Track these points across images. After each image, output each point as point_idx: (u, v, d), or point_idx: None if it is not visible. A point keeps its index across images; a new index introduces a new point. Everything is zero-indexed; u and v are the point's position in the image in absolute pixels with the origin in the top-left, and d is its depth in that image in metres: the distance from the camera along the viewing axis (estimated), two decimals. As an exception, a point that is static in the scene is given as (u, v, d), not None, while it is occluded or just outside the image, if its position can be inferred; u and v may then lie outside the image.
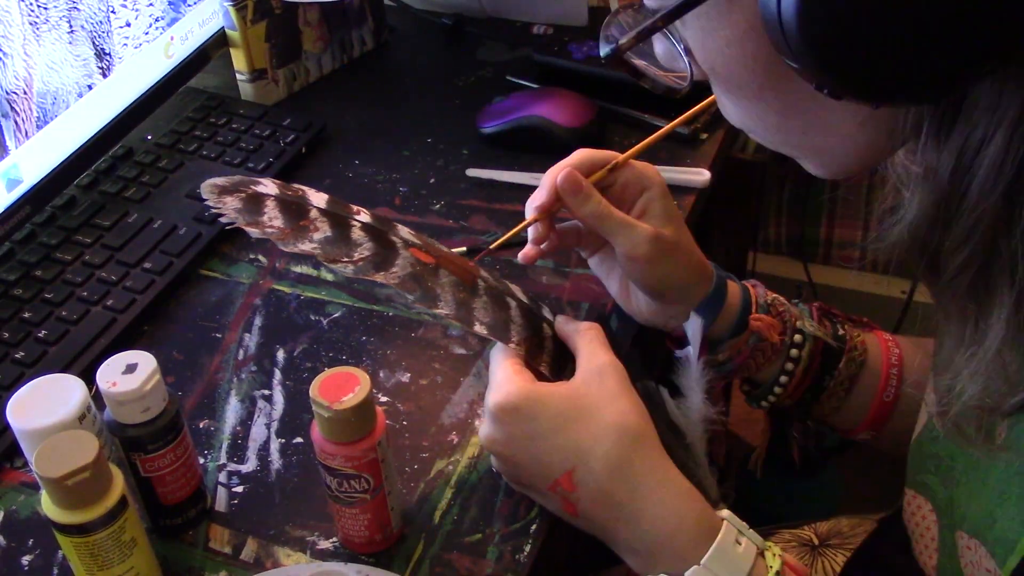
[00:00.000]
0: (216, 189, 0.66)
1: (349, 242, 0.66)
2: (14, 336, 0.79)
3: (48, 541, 0.67)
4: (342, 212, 0.67)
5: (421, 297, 0.66)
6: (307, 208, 0.66)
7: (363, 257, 0.66)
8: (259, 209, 0.65)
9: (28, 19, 0.83)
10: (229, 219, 0.64)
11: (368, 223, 0.68)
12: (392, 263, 0.66)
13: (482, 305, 0.68)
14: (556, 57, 1.07)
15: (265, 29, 1.04)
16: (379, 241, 0.67)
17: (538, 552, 0.66)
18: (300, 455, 0.73)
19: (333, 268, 0.66)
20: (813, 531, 0.85)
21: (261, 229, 0.65)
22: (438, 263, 0.68)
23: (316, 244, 0.65)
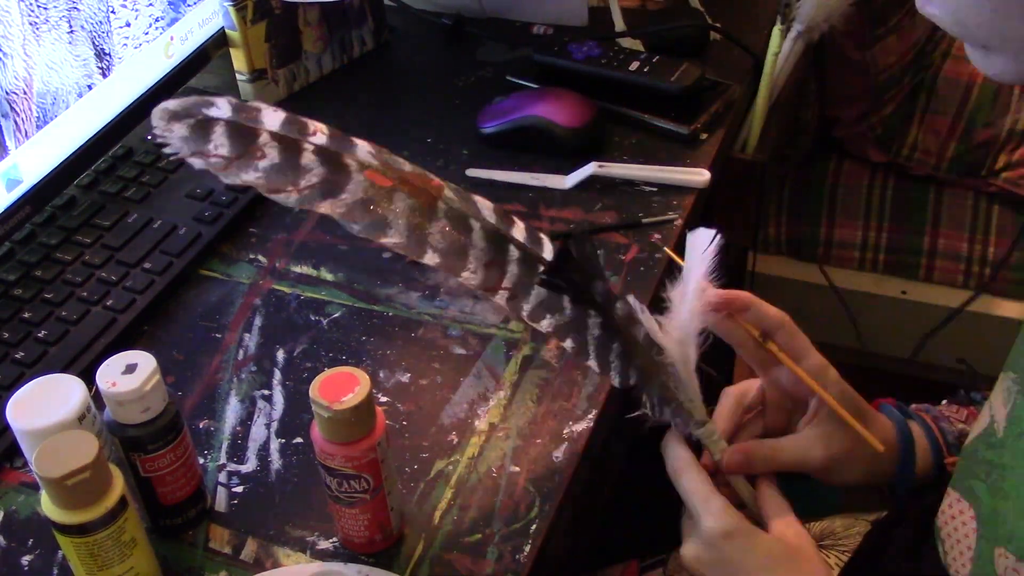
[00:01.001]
0: (166, 115, 0.61)
1: (297, 168, 0.62)
2: (14, 336, 0.79)
3: (48, 541, 0.67)
4: (295, 134, 0.63)
5: (367, 227, 0.63)
6: (257, 132, 0.62)
7: (310, 185, 0.62)
8: (206, 136, 0.61)
9: (28, 19, 0.83)
10: (173, 149, 0.61)
11: (322, 145, 0.63)
12: (342, 189, 0.63)
13: (439, 230, 0.64)
14: (556, 57, 1.07)
15: (265, 29, 1.04)
16: (331, 165, 0.63)
17: (538, 552, 0.66)
18: (300, 455, 0.73)
19: (276, 198, 0.63)
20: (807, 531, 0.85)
21: (204, 159, 0.61)
22: (395, 185, 0.64)
23: (260, 173, 0.62)
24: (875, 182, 1.51)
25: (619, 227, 0.90)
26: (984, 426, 0.64)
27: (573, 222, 0.91)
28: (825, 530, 0.85)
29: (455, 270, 0.64)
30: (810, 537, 0.67)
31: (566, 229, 0.90)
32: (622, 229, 0.90)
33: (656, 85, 1.01)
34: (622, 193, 0.94)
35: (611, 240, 0.89)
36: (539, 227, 0.90)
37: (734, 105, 1.05)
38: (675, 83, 1.01)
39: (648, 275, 0.86)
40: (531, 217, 0.92)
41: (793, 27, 1.07)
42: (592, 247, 0.68)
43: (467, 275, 0.64)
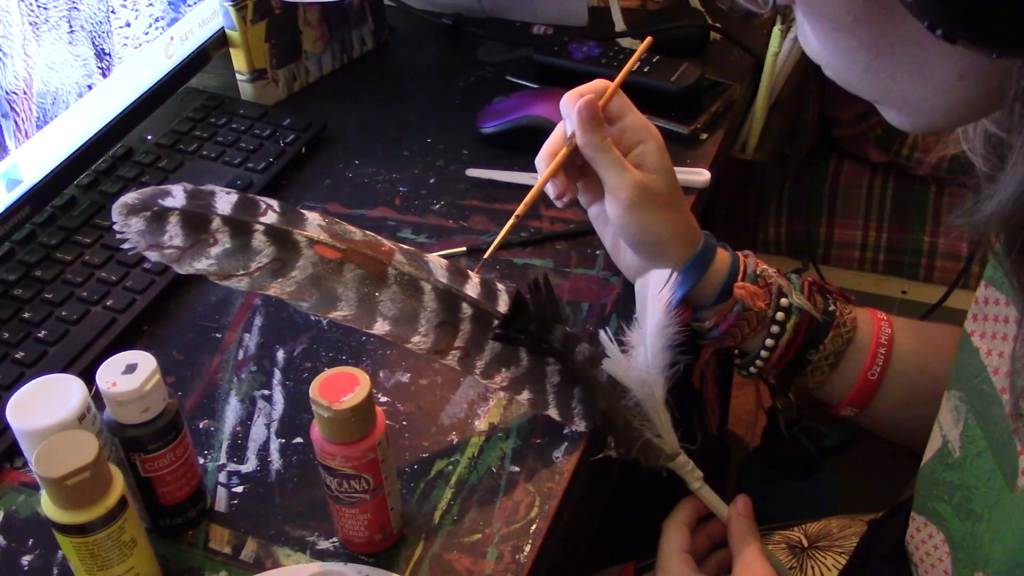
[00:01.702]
0: (124, 209, 0.63)
1: (248, 251, 0.64)
2: (14, 336, 0.79)
3: (48, 541, 0.67)
4: (246, 216, 0.64)
5: (316, 303, 0.64)
6: (209, 218, 0.64)
7: (260, 267, 0.64)
8: (161, 228, 0.63)
9: (28, 19, 0.83)
10: (131, 244, 0.63)
11: (271, 225, 0.64)
12: (292, 266, 0.64)
13: (390, 296, 0.66)
14: (556, 57, 1.07)
15: (265, 29, 1.04)
16: (281, 244, 0.64)
17: (538, 552, 0.66)
18: (300, 455, 0.73)
19: (228, 284, 0.64)
20: (803, 532, 0.85)
21: (160, 253, 0.63)
22: (344, 257, 0.65)
23: (212, 260, 0.63)
24: (875, 182, 1.51)
25: (619, 227, 0.90)
26: (937, 447, 0.64)
27: (573, 222, 0.91)
28: (822, 531, 0.85)
29: (405, 337, 0.66)
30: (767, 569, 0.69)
31: (567, 229, 0.90)
32: (622, 229, 0.90)
33: (656, 85, 1.01)
34: (622, 193, 0.94)
35: (611, 240, 0.89)
36: (539, 227, 0.91)
37: (734, 105, 1.05)
38: (675, 83, 1.01)
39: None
40: (531, 217, 0.92)
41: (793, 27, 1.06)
42: (550, 290, 0.69)
43: (417, 339, 0.66)
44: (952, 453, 0.61)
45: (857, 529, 0.84)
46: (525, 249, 0.89)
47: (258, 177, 0.95)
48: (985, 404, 0.58)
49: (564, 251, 0.88)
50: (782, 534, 0.85)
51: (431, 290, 0.67)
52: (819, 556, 0.81)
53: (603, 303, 0.83)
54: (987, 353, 0.59)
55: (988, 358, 0.59)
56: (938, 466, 0.63)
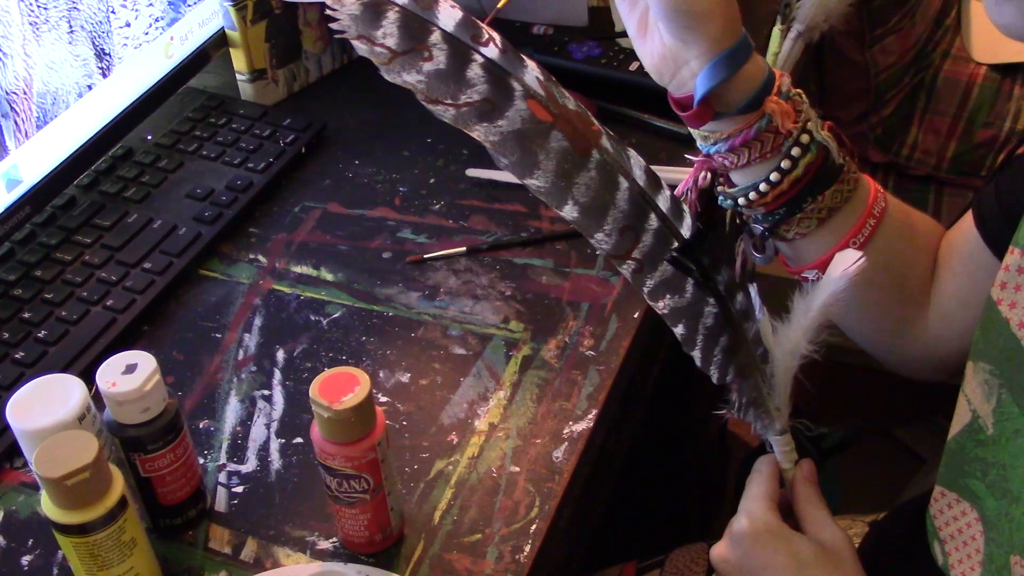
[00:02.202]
0: None
1: (461, 79, 0.58)
2: (14, 336, 0.79)
3: (48, 541, 0.67)
4: (467, 40, 0.58)
5: (516, 163, 0.59)
6: (430, 28, 0.58)
7: (470, 102, 0.58)
8: (377, 19, 0.57)
9: (28, 19, 0.83)
10: (341, 26, 0.57)
11: (491, 60, 0.59)
12: (501, 115, 0.58)
13: (586, 181, 0.60)
14: (556, 57, 1.07)
15: (265, 29, 1.04)
16: (495, 84, 0.58)
17: (538, 552, 0.66)
18: (300, 455, 0.73)
19: (433, 109, 0.59)
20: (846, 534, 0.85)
21: (370, 48, 0.57)
22: (554, 122, 0.59)
23: (423, 77, 0.58)
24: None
25: (619, 227, 0.90)
26: (966, 421, 0.62)
27: (573, 222, 0.91)
28: None
29: (589, 230, 0.61)
30: (849, 540, 0.65)
31: (567, 229, 0.90)
32: (622, 229, 0.90)
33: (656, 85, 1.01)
34: (622, 193, 0.94)
35: (611, 240, 0.89)
36: (539, 227, 0.91)
37: (734, 105, 1.05)
38: (675, 83, 1.01)
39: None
40: (531, 217, 0.92)
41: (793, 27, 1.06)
42: (731, 232, 0.67)
43: (601, 236, 0.61)
44: (984, 429, 0.60)
45: (859, 530, 0.83)
46: (525, 249, 0.89)
47: (258, 177, 0.95)
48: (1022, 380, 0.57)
49: (564, 251, 0.88)
50: None
51: (626, 188, 0.61)
52: None
53: (603, 303, 0.83)
54: (1019, 325, 0.58)
55: (1021, 330, 0.57)
56: (968, 442, 0.62)
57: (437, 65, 0.57)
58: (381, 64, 0.57)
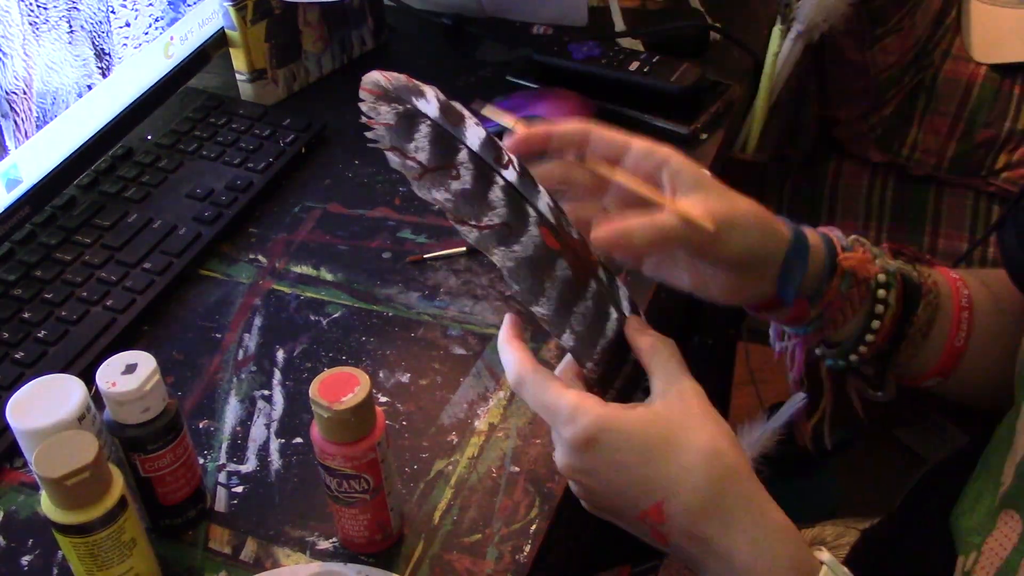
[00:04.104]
0: (377, 91, 0.58)
1: (484, 202, 0.59)
2: (14, 336, 0.79)
3: (48, 541, 0.67)
4: (491, 161, 0.59)
5: (526, 291, 0.60)
6: (458, 147, 0.59)
7: (491, 225, 0.59)
8: (410, 132, 0.58)
9: (28, 19, 0.83)
10: (376, 135, 0.58)
11: (511, 184, 0.60)
12: (516, 239, 0.59)
13: (583, 310, 0.61)
14: (556, 57, 1.07)
15: (265, 29, 1.04)
16: (514, 209, 0.59)
17: (538, 552, 0.66)
18: (300, 455, 0.73)
19: (459, 228, 0.59)
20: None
21: (402, 160, 0.58)
22: (561, 251, 0.60)
23: (450, 196, 0.58)
24: (875, 182, 1.51)
25: (619, 227, 0.90)
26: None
27: (573, 222, 0.91)
28: (816, 538, 0.84)
29: (582, 358, 0.62)
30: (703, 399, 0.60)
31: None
32: (622, 229, 0.90)
33: (656, 85, 1.01)
34: (622, 193, 0.94)
35: (611, 240, 0.89)
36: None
37: (734, 105, 1.05)
38: (675, 83, 1.01)
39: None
40: (531, 217, 0.92)
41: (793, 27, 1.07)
42: None
43: (590, 366, 0.62)
44: None
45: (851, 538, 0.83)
46: (525, 249, 0.89)
47: (258, 177, 0.95)
48: None
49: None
50: None
51: (615, 319, 0.63)
52: None
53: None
54: None
55: None
56: None
57: (463, 184, 0.58)
58: (412, 179, 0.58)
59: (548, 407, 0.59)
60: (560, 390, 0.59)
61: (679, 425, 0.58)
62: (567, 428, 0.58)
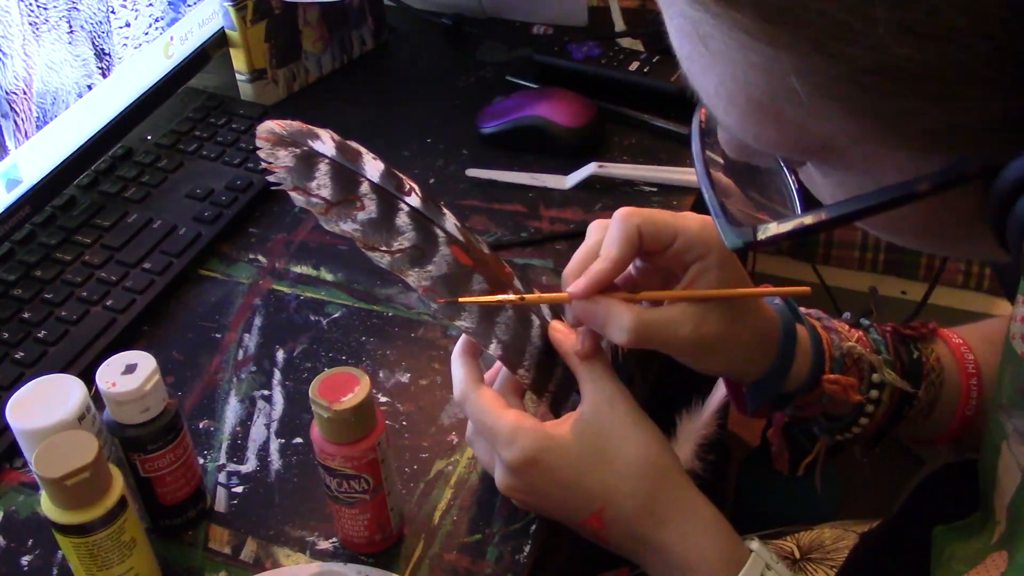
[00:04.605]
0: (272, 138, 0.61)
1: (392, 228, 0.62)
2: (14, 336, 0.79)
3: (48, 541, 0.67)
4: (392, 190, 0.63)
5: (445, 308, 0.62)
6: (359, 180, 0.62)
7: (401, 249, 0.62)
8: (310, 171, 0.61)
9: (28, 19, 0.83)
10: (278, 178, 0.60)
11: (416, 209, 0.63)
12: (429, 260, 0.63)
13: (505, 320, 0.64)
14: (556, 57, 1.07)
15: (265, 29, 1.04)
16: (422, 232, 0.63)
17: (538, 552, 0.66)
18: (300, 455, 0.73)
19: (370, 256, 0.62)
20: (795, 542, 0.84)
21: (306, 198, 0.60)
22: (475, 267, 0.64)
23: (357, 226, 0.61)
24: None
25: (619, 227, 0.90)
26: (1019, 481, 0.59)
27: (573, 222, 0.91)
28: (814, 541, 0.84)
29: (513, 366, 0.64)
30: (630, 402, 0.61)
31: (567, 230, 0.90)
32: (622, 229, 0.90)
33: (656, 85, 1.01)
34: (622, 193, 0.94)
35: (611, 240, 0.89)
36: (539, 227, 0.91)
37: (734, 105, 1.05)
38: (675, 83, 1.01)
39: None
40: (531, 217, 0.92)
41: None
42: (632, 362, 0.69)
43: (522, 372, 0.64)
44: None
45: (849, 542, 0.83)
46: (525, 249, 0.89)
47: (258, 177, 0.95)
48: None
49: (564, 251, 0.88)
50: (774, 544, 0.85)
51: (538, 325, 0.66)
52: (810, 569, 0.80)
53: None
54: None
55: None
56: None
57: (369, 214, 0.61)
58: (319, 214, 0.61)
59: (488, 428, 0.62)
60: (500, 412, 0.62)
61: (611, 433, 0.61)
62: (506, 451, 0.61)
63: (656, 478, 0.60)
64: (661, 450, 0.61)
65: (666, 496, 0.60)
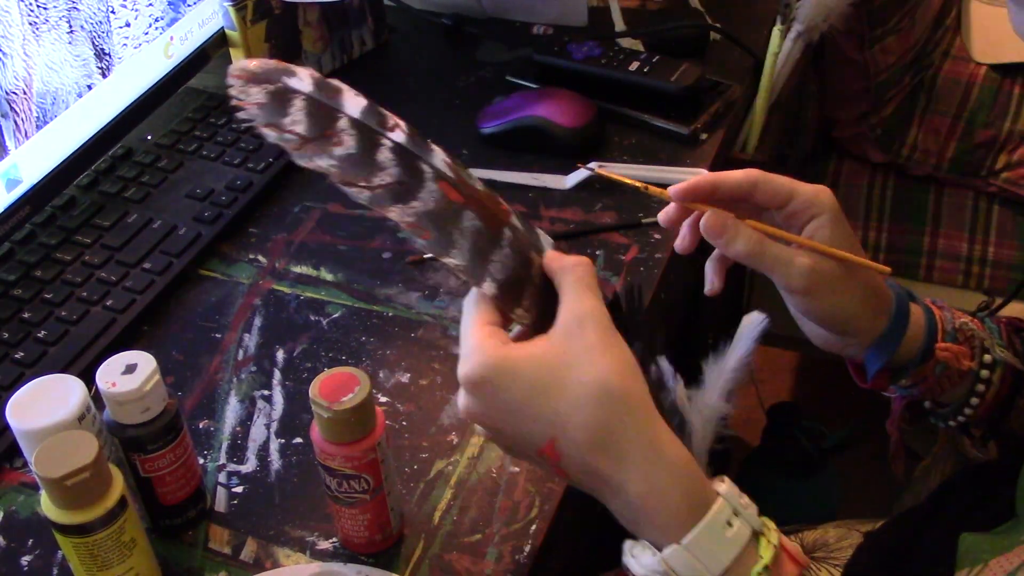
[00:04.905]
0: (244, 75, 0.58)
1: (372, 163, 0.59)
2: (14, 336, 0.79)
3: (48, 541, 0.67)
4: (374, 125, 0.60)
5: (433, 243, 0.60)
6: (337, 116, 0.59)
7: (382, 184, 0.59)
8: (284, 108, 0.58)
9: (28, 19, 0.83)
10: (248, 115, 0.58)
11: (399, 144, 0.60)
12: (414, 195, 0.60)
13: (501, 258, 0.61)
14: (556, 57, 1.07)
15: (265, 29, 1.04)
16: (406, 168, 0.60)
17: (538, 552, 0.66)
18: (300, 455, 0.73)
19: (348, 191, 0.59)
20: (799, 541, 0.84)
21: (278, 133, 0.58)
22: (466, 203, 0.61)
23: (334, 161, 0.59)
24: (875, 182, 1.51)
25: (619, 227, 0.90)
26: None
27: (573, 222, 0.91)
28: (818, 541, 0.84)
29: (509, 305, 0.61)
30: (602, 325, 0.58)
31: (567, 229, 0.90)
32: (622, 229, 0.90)
33: (656, 85, 1.01)
34: (622, 193, 0.94)
35: (611, 240, 0.89)
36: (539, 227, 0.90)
37: (734, 105, 1.05)
38: (675, 83, 1.01)
39: (648, 275, 0.86)
40: (531, 217, 0.92)
41: (793, 27, 1.06)
42: (640, 301, 0.67)
43: (520, 312, 0.62)
44: None
45: (854, 540, 0.83)
46: (525, 249, 0.89)
47: (258, 177, 0.95)
48: None
49: (564, 251, 0.88)
50: None
51: (539, 265, 0.63)
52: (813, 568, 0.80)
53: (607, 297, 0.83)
54: None
55: None
56: None
57: (347, 150, 0.59)
58: (292, 150, 0.58)
59: (463, 340, 0.59)
60: (475, 328, 0.59)
61: (572, 359, 0.56)
62: (461, 366, 0.57)
63: (613, 409, 0.55)
64: (622, 380, 0.56)
65: (624, 429, 0.56)
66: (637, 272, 0.86)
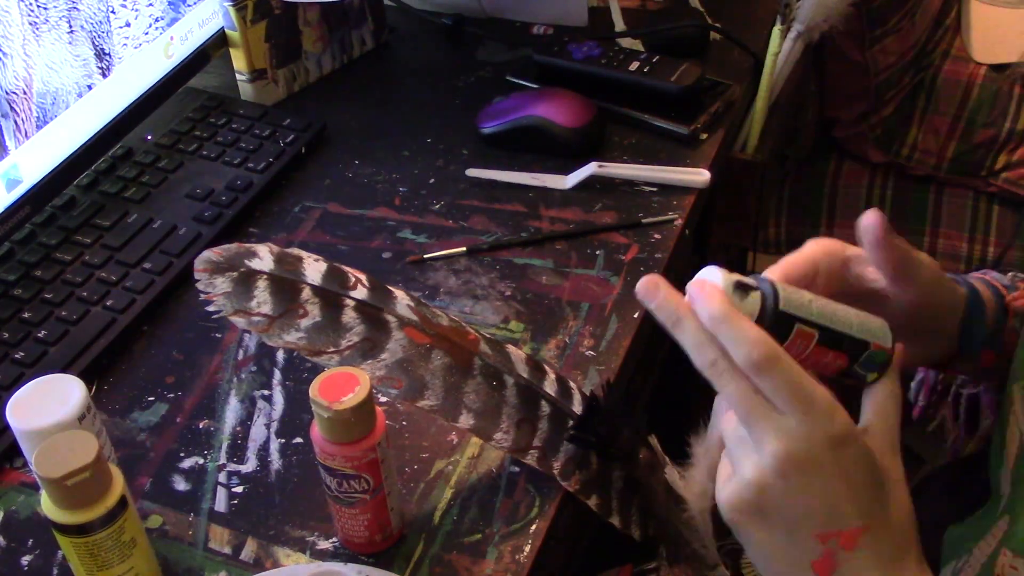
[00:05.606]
0: (209, 267, 0.61)
1: (339, 327, 0.62)
2: (14, 336, 0.79)
3: (48, 541, 0.67)
4: (336, 288, 0.63)
5: (405, 391, 0.63)
6: (299, 287, 0.62)
7: (351, 345, 0.62)
8: (249, 291, 0.61)
9: (28, 19, 0.83)
10: (217, 306, 0.61)
11: (363, 301, 0.63)
12: (382, 348, 0.63)
13: (474, 388, 0.64)
14: (556, 57, 1.07)
15: (265, 29, 1.04)
16: (372, 322, 0.63)
17: (538, 552, 0.66)
18: (300, 455, 0.73)
19: (318, 360, 0.62)
20: None
21: (247, 319, 0.61)
22: (433, 344, 0.64)
23: (302, 333, 0.62)
24: (875, 182, 1.52)
25: (619, 227, 0.91)
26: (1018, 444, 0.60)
27: (573, 222, 0.91)
28: None
29: (488, 433, 0.64)
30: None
31: (567, 230, 0.90)
32: (622, 229, 0.90)
33: (656, 85, 1.01)
34: (622, 193, 0.94)
35: (611, 240, 0.89)
36: (539, 227, 0.91)
37: (734, 105, 1.05)
38: (675, 83, 1.01)
39: (648, 275, 0.86)
40: (531, 217, 0.92)
41: (793, 27, 1.07)
42: (620, 392, 0.68)
43: (499, 436, 0.65)
44: None
45: None
46: (525, 249, 0.89)
47: (258, 177, 0.95)
48: None
49: (564, 251, 0.89)
50: None
51: (512, 384, 0.65)
52: None
53: (603, 303, 0.83)
54: None
55: None
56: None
57: (313, 319, 0.62)
58: (261, 332, 0.61)
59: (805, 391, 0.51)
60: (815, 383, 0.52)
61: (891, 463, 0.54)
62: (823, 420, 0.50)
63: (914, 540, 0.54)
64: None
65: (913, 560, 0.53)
66: (637, 271, 0.86)
